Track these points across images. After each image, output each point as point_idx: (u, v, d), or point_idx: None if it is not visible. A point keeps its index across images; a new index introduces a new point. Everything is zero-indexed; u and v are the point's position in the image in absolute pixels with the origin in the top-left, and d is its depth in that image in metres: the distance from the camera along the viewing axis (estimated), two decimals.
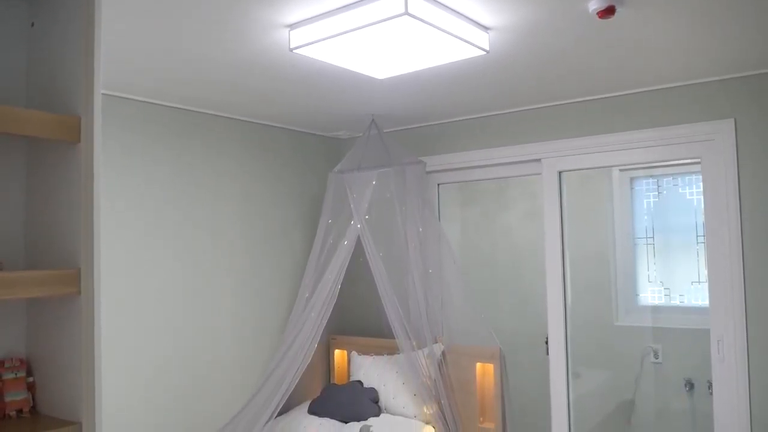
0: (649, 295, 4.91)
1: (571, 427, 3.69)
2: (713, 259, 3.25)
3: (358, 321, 4.36)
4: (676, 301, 4.82)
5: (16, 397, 1.66)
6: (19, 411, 1.66)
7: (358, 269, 3.95)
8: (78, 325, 1.58)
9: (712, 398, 3.27)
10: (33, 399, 1.70)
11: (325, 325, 3.65)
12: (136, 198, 3.24)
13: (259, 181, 3.91)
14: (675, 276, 4.84)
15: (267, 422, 3.36)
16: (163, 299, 3.34)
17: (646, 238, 4.90)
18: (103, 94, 1.63)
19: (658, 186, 4.94)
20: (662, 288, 4.87)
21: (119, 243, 3.14)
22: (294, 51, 2.46)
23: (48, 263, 1.67)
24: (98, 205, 1.59)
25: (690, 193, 4.80)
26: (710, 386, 3.30)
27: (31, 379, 1.71)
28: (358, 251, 3.73)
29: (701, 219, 4.49)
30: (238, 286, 3.75)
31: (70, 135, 1.58)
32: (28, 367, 1.72)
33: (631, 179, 5.00)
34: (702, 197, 3.32)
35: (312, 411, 3.82)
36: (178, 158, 3.45)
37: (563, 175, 3.73)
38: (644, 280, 4.92)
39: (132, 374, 3.17)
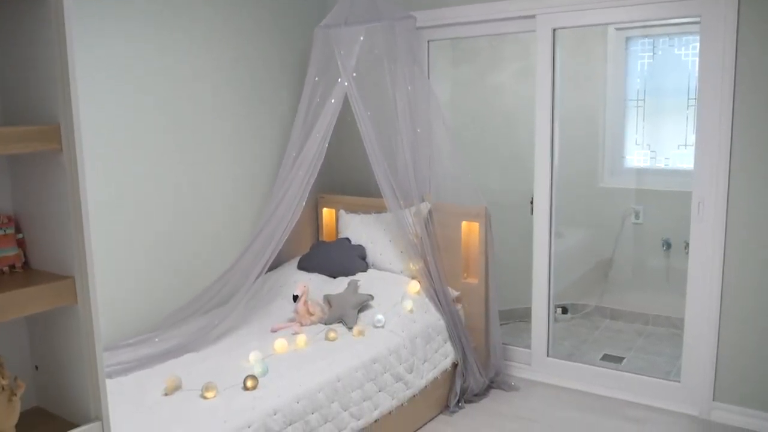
0: (636, 157, 4.94)
1: (551, 283, 3.85)
2: (703, 121, 3.24)
3: (346, 180, 4.39)
4: (661, 164, 4.87)
5: (8, 253, 1.68)
6: (12, 267, 1.68)
7: (345, 128, 3.91)
8: (63, 182, 1.57)
9: (688, 257, 3.39)
10: (25, 255, 1.73)
11: (312, 183, 3.66)
12: (116, 60, 3.10)
13: (242, 36, 3.75)
14: (662, 139, 4.85)
15: (257, 277, 3.46)
16: (149, 156, 3.31)
17: (637, 100, 4.86)
18: None
19: (654, 47, 4.82)
20: (649, 151, 4.89)
21: (103, 104, 3.06)
22: None
23: (28, 122, 1.63)
24: (73, 60, 1.52)
25: (685, 54, 4.70)
26: (687, 246, 3.41)
27: (20, 236, 1.72)
28: (346, 110, 3.67)
29: (694, 82, 4.43)
30: (224, 144, 3.71)
31: None
32: (16, 224, 1.72)
33: (627, 39, 4.87)
34: (697, 59, 3.25)
35: (301, 266, 3.93)
36: (158, 14, 3.27)
37: (558, 32, 3.61)
38: (632, 143, 4.93)
39: (122, 230, 3.21)
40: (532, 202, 3.83)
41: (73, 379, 1.68)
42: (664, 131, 4.83)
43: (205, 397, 2.57)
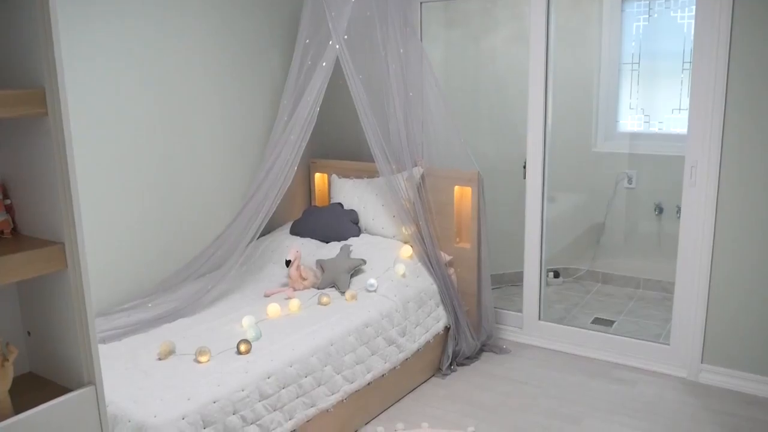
0: (629, 121, 4.92)
1: (543, 248, 3.86)
2: (697, 84, 3.22)
3: (338, 145, 4.36)
4: (654, 129, 4.85)
5: None
6: (0, 233, 1.67)
7: (337, 92, 3.87)
8: (49, 147, 1.55)
9: (680, 221, 3.40)
10: (13, 221, 1.71)
11: (304, 148, 3.62)
12: (103, 26, 3.04)
13: None
14: (656, 103, 4.82)
15: (250, 242, 3.45)
16: (139, 120, 3.27)
17: (632, 64, 4.81)
18: None
19: (649, 9, 4.76)
20: (642, 115, 4.87)
21: (90, 69, 3.00)
22: None
23: (13, 86, 1.60)
24: (56, 23, 1.49)
25: (681, 17, 4.64)
26: (678, 210, 3.42)
27: (8, 202, 1.71)
28: (338, 73, 3.63)
29: (690, 45, 4.39)
30: (214, 109, 3.67)
31: None
32: (4, 189, 1.71)
33: (622, 1, 4.80)
34: (693, 21, 3.21)
35: (294, 232, 3.93)
36: None
37: None
38: (625, 107, 4.91)
39: (113, 196, 3.19)
40: (524, 167, 3.82)
41: (66, 344, 1.68)
42: (658, 95, 4.80)
43: (198, 362, 2.58)
